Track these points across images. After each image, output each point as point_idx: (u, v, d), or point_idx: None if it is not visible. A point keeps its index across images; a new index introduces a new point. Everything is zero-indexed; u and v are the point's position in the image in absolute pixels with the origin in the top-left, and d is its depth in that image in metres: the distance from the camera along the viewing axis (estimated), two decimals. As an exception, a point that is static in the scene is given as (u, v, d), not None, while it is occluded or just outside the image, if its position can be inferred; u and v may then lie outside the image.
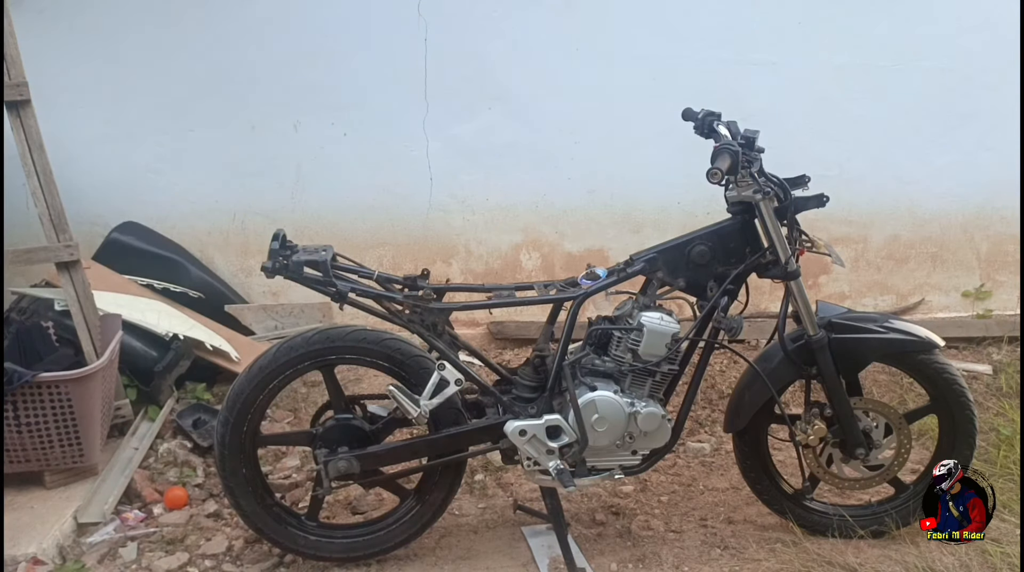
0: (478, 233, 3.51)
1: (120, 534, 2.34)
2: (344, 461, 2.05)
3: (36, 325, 2.63)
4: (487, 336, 3.52)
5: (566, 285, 2.11)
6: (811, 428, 2.15)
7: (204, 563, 2.24)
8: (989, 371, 3.33)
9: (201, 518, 2.43)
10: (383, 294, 2.01)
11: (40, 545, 2.17)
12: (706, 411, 3.13)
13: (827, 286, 3.66)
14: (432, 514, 2.21)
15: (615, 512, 2.50)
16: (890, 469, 2.23)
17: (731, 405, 2.25)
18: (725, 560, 2.22)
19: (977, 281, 3.70)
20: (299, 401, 3.09)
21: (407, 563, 2.24)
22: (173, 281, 3.25)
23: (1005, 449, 2.69)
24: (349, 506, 2.51)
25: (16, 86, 2.41)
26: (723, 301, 2.06)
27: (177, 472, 2.65)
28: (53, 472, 2.44)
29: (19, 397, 2.30)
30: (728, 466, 2.76)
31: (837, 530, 2.26)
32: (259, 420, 2.11)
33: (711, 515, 2.48)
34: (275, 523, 2.15)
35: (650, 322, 2.01)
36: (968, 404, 2.19)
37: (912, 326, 2.19)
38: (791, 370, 2.16)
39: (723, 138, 2.01)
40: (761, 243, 2.06)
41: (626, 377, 2.07)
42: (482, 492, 2.63)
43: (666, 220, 3.43)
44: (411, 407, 1.99)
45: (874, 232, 3.62)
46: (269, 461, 2.71)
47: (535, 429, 2.04)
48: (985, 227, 3.64)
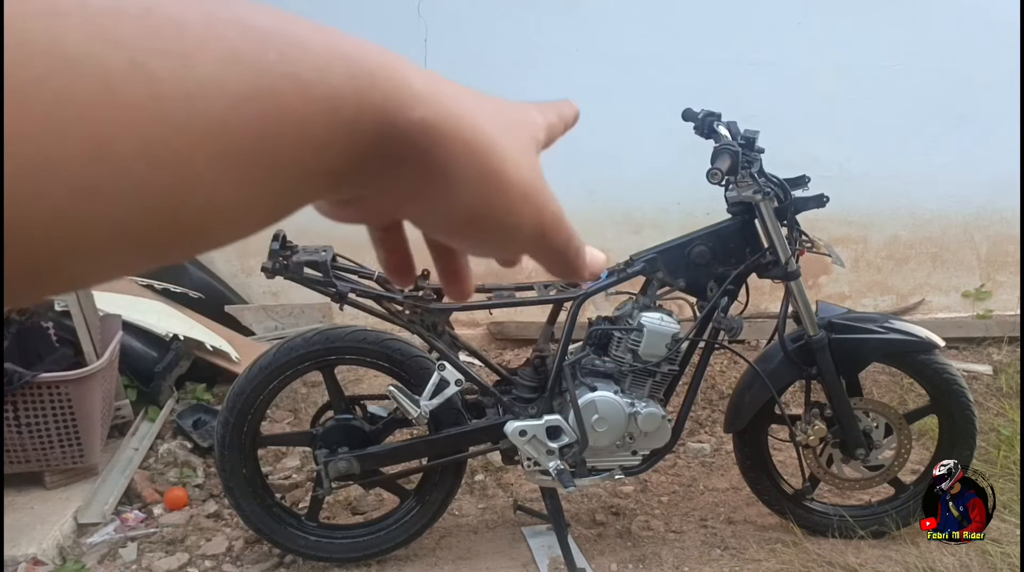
0: (478, 233, 3.50)
1: (120, 534, 2.34)
2: (344, 461, 2.05)
3: (36, 325, 2.63)
4: (487, 336, 3.52)
5: (566, 285, 2.11)
6: (811, 428, 2.15)
7: (204, 563, 2.24)
8: (989, 371, 3.33)
9: (201, 518, 2.43)
10: (383, 294, 2.00)
11: (40, 545, 2.17)
12: (706, 411, 3.13)
13: (827, 286, 3.66)
14: (432, 514, 2.21)
15: (615, 512, 2.50)
16: (890, 469, 2.23)
17: (731, 405, 2.25)
18: (725, 560, 2.22)
19: (977, 281, 3.70)
20: (299, 401, 3.09)
21: (407, 563, 2.24)
22: (173, 281, 3.25)
23: (1005, 449, 2.69)
24: (349, 506, 2.51)
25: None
26: (723, 301, 2.06)
27: (177, 472, 2.65)
28: (53, 472, 2.44)
29: (19, 397, 2.30)
30: (728, 466, 2.76)
31: (837, 530, 2.26)
32: (259, 420, 2.11)
33: (711, 515, 2.48)
34: (275, 523, 2.15)
35: (650, 322, 2.01)
36: (968, 404, 2.19)
37: (912, 326, 2.19)
38: (791, 370, 2.16)
39: (723, 138, 2.01)
40: (761, 243, 2.06)
41: (626, 377, 2.07)
42: (482, 492, 2.63)
43: (666, 221, 3.43)
44: (411, 407, 1.99)
45: (874, 232, 3.61)
46: (269, 461, 2.71)
47: (535, 429, 2.04)
48: (985, 227, 3.64)
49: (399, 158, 0.23)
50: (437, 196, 0.25)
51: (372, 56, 0.22)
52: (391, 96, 0.22)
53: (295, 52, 0.20)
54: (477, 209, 0.26)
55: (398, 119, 0.22)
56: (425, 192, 0.25)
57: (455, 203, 0.26)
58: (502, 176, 0.26)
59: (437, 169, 0.24)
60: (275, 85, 0.20)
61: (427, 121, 0.23)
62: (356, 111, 0.21)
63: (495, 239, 0.28)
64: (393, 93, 0.22)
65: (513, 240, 0.28)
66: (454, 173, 0.25)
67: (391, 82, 0.22)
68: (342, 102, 0.21)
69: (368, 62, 0.22)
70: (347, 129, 0.21)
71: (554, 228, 0.29)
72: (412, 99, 0.23)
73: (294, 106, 0.20)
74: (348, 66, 0.21)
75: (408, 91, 0.23)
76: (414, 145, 0.23)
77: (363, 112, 0.22)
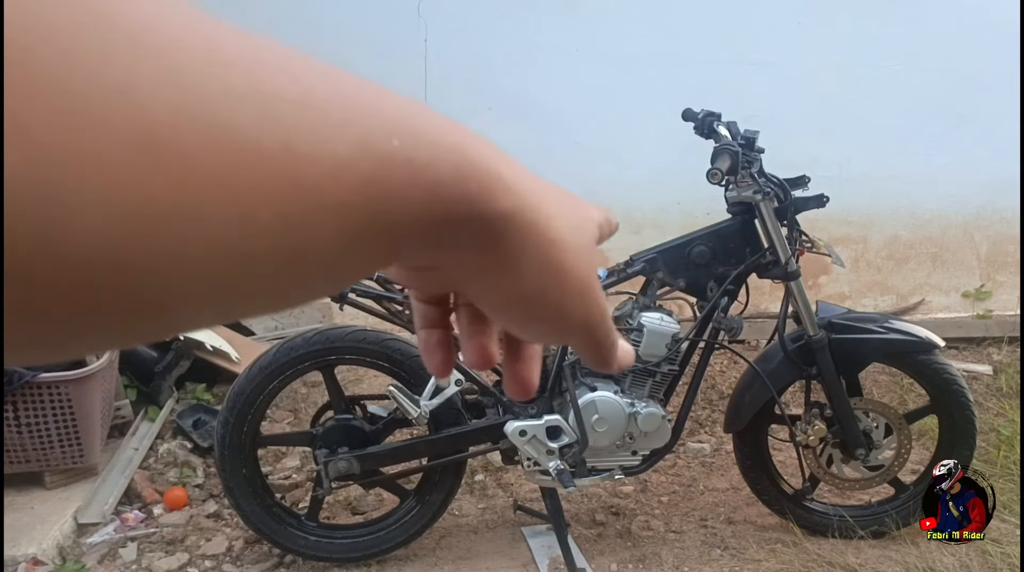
0: (478, 233, 3.51)
1: (120, 534, 2.34)
2: (344, 461, 2.05)
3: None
4: (487, 336, 3.51)
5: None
6: (811, 428, 2.15)
7: (204, 563, 2.24)
8: (989, 371, 3.33)
9: (201, 519, 2.43)
10: (383, 294, 2.01)
11: (40, 545, 2.17)
12: (706, 411, 3.13)
13: (827, 286, 3.66)
14: (432, 514, 2.21)
15: (615, 512, 2.50)
16: (890, 469, 2.23)
17: (731, 405, 2.25)
18: (725, 560, 2.22)
19: (977, 281, 3.70)
20: (299, 401, 3.09)
21: (407, 563, 2.24)
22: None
23: (1005, 449, 2.69)
24: (349, 506, 2.51)
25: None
26: (723, 301, 2.06)
27: (177, 472, 2.65)
28: (53, 472, 2.44)
29: (19, 397, 2.30)
30: (728, 466, 2.76)
31: (837, 530, 2.26)
32: (259, 420, 2.11)
33: (711, 515, 2.48)
34: (275, 523, 2.15)
35: (650, 322, 2.01)
36: (968, 404, 2.19)
37: (912, 326, 2.19)
38: (791, 370, 2.16)
39: (723, 138, 2.01)
40: (761, 243, 2.06)
41: (626, 377, 2.07)
42: (482, 492, 2.63)
43: (666, 220, 3.43)
44: (411, 408, 1.99)
45: (874, 232, 3.61)
46: (269, 461, 2.71)
47: (535, 429, 2.04)
48: (985, 227, 3.64)
49: (479, 240, 0.26)
50: (504, 277, 0.28)
51: (471, 146, 0.25)
52: (484, 186, 0.25)
53: (412, 140, 0.23)
54: (536, 295, 0.29)
55: (486, 208, 0.25)
56: (493, 272, 0.28)
57: (517, 286, 0.28)
58: (565, 269, 0.29)
59: (510, 254, 0.27)
60: (392, 170, 0.22)
61: (510, 211, 0.26)
62: (453, 197, 0.24)
63: (544, 325, 0.31)
64: (486, 182, 0.25)
65: (560, 328, 0.31)
66: (523, 260, 0.27)
67: (486, 173, 0.25)
68: (444, 189, 0.24)
69: (469, 152, 0.25)
70: (442, 211, 0.24)
71: (599, 323, 0.32)
72: (502, 189, 0.25)
73: (404, 189, 0.23)
74: (453, 155, 0.24)
75: (500, 182, 0.25)
76: (495, 231, 0.26)
77: (459, 198, 0.24)
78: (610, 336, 0.33)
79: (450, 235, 0.25)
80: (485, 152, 0.25)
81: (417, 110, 0.24)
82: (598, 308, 0.31)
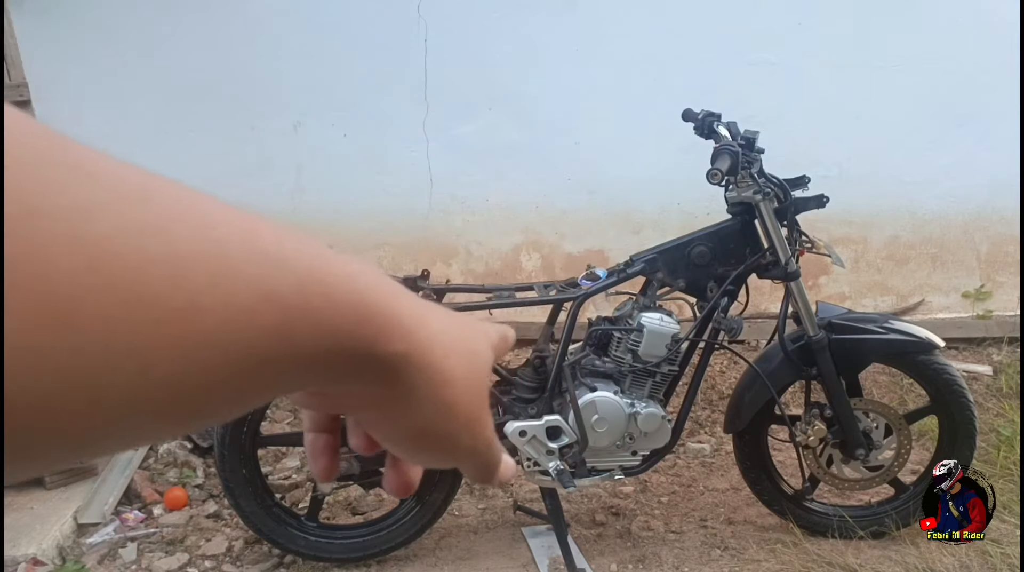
0: (478, 234, 3.51)
1: (120, 535, 2.34)
2: (344, 461, 2.05)
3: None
4: (487, 336, 3.51)
5: (566, 286, 2.11)
6: (811, 429, 2.15)
7: (204, 564, 2.24)
8: (989, 372, 3.33)
9: (201, 519, 2.43)
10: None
11: (40, 545, 2.17)
12: (706, 412, 3.13)
13: (827, 287, 3.66)
14: (432, 515, 2.21)
15: (615, 513, 2.50)
16: (890, 470, 2.23)
17: (731, 406, 2.25)
18: (725, 561, 2.22)
19: (977, 282, 3.69)
20: (299, 401, 3.09)
21: (407, 563, 2.24)
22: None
23: (1005, 450, 2.69)
24: (349, 507, 2.51)
25: (16, 87, 2.42)
26: (723, 302, 2.06)
27: (177, 473, 2.65)
28: (53, 472, 2.44)
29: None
30: (728, 467, 2.76)
31: (837, 531, 2.26)
32: (259, 420, 2.11)
33: (711, 516, 2.48)
34: (275, 523, 2.15)
35: (650, 323, 2.01)
36: (968, 405, 2.19)
37: (912, 327, 2.19)
38: (791, 371, 2.16)
39: (723, 139, 2.01)
40: (761, 244, 2.06)
41: (626, 378, 2.07)
42: (482, 492, 2.63)
43: (666, 221, 3.43)
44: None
45: (874, 232, 3.61)
46: (269, 462, 2.71)
47: (535, 430, 2.04)
48: (985, 227, 3.63)
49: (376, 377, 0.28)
50: (396, 410, 0.30)
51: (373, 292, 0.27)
52: (382, 330, 0.27)
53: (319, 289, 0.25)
54: (425, 428, 0.31)
55: (383, 350, 0.27)
56: (386, 405, 0.30)
57: (408, 419, 0.30)
58: (454, 406, 0.31)
59: (403, 391, 0.29)
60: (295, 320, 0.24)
61: (405, 352, 0.28)
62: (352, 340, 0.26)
63: (435, 454, 0.33)
64: (384, 327, 0.27)
65: (448, 456, 0.33)
66: (415, 396, 0.29)
67: (385, 317, 0.27)
68: (344, 334, 0.26)
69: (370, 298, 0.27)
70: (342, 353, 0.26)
71: (484, 451, 0.34)
72: (399, 333, 0.27)
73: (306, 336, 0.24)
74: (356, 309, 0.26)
75: (397, 326, 0.27)
76: (391, 370, 0.28)
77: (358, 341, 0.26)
78: (494, 459, 0.35)
79: (347, 372, 0.27)
80: (385, 296, 0.28)
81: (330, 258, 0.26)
82: (483, 438, 0.33)
